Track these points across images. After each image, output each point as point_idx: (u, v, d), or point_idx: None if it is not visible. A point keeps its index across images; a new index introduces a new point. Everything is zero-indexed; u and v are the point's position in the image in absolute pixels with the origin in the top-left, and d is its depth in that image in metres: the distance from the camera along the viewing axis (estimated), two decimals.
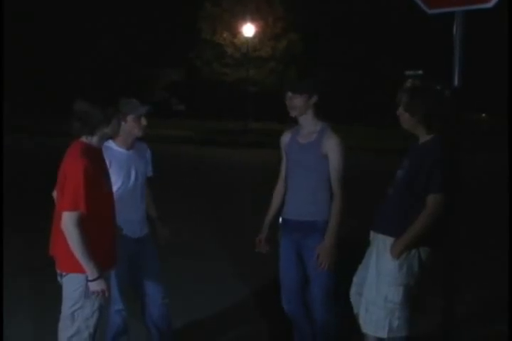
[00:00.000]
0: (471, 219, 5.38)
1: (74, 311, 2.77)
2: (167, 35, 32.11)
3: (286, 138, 3.58)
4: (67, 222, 2.67)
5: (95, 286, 2.73)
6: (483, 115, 26.70)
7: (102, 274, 2.75)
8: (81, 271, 2.72)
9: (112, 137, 3.14)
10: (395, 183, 3.22)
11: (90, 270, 2.70)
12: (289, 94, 3.39)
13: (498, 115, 21.63)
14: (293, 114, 3.42)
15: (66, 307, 2.80)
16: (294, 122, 3.55)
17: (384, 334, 3.16)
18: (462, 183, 3.39)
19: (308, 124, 3.44)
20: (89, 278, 2.72)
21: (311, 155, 3.37)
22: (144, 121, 3.33)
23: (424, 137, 3.16)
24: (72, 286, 2.77)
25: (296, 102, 3.38)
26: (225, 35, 29.42)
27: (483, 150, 16.17)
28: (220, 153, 17.88)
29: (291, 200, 3.49)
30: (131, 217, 3.32)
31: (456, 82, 3.41)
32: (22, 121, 23.73)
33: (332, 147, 3.33)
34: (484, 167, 12.38)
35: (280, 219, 3.55)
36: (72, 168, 2.70)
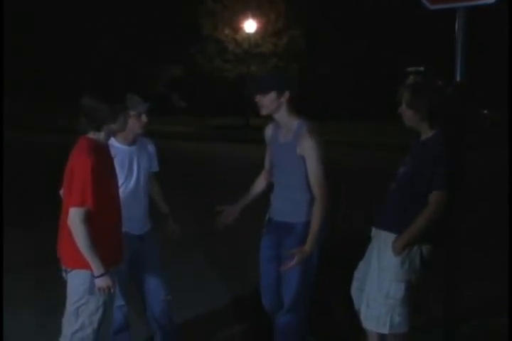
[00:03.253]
0: (472, 217, 5.37)
1: (78, 307, 2.78)
2: (168, 31, 32.08)
3: (269, 131, 3.45)
4: (74, 217, 2.67)
5: (101, 282, 2.73)
6: (485, 111, 26.64)
7: (108, 270, 2.75)
8: (86, 267, 2.72)
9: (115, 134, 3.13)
10: (397, 179, 3.22)
11: (96, 266, 2.70)
12: (256, 94, 3.22)
13: (501, 111, 21.59)
14: (262, 112, 3.26)
15: (70, 303, 2.80)
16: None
17: (385, 330, 3.17)
18: (463, 180, 3.37)
19: (284, 122, 3.27)
20: (95, 275, 2.72)
21: (287, 155, 3.24)
22: (144, 119, 3.32)
23: (426, 133, 3.16)
24: (77, 282, 2.77)
25: (263, 101, 3.20)
26: (226, 31, 29.36)
27: (484, 146, 16.14)
28: (220, 149, 17.86)
29: (273, 199, 3.43)
30: (133, 213, 3.31)
31: (458, 78, 3.40)
32: (22, 121, 23.72)
33: (307, 148, 3.14)
34: (485, 164, 12.35)
35: (266, 217, 3.50)
36: (79, 165, 2.69)
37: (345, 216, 6.80)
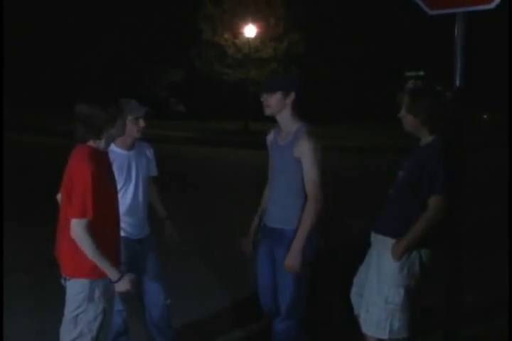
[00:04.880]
0: (472, 219, 5.38)
1: (77, 315, 2.75)
2: (168, 36, 32.12)
3: (270, 137, 3.46)
4: (78, 229, 2.63)
5: (120, 287, 2.71)
6: (485, 116, 26.71)
7: (123, 274, 2.72)
8: (85, 275, 2.70)
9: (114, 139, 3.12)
10: (395, 184, 3.22)
11: (111, 272, 2.68)
12: (264, 92, 3.26)
13: (500, 115, 21.63)
14: (267, 112, 3.27)
15: (69, 311, 2.77)
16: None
17: (385, 336, 3.15)
18: (463, 185, 3.38)
19: (286, 125, 3.28)
20: (113, 280, 2.70)
21: (285, 158, 3.24)
22: (142, 123, 3.31)
23: (426, 138, 3.15)
24: (76, 290, 2.74)
25: (269, 100, 3.23)
26: (226, 35, 29.38)
27: (483, 150, 16.17)
28: (220, 154, 17.88)
29: (268, 205, 3.42)
30: (132, 218, 3.32)
31: (457, 83, 3.41)
32: (22, 120, 23.72)
33: (304, 150, 3.15)
34: (484, 167, 12.39)
35: (262, 223, 3.50)
36: (80, 174, 2.65)
37: (344, 220, 6.82)
